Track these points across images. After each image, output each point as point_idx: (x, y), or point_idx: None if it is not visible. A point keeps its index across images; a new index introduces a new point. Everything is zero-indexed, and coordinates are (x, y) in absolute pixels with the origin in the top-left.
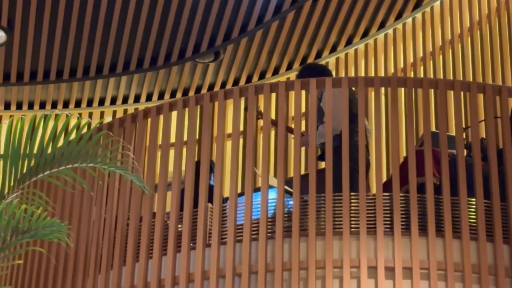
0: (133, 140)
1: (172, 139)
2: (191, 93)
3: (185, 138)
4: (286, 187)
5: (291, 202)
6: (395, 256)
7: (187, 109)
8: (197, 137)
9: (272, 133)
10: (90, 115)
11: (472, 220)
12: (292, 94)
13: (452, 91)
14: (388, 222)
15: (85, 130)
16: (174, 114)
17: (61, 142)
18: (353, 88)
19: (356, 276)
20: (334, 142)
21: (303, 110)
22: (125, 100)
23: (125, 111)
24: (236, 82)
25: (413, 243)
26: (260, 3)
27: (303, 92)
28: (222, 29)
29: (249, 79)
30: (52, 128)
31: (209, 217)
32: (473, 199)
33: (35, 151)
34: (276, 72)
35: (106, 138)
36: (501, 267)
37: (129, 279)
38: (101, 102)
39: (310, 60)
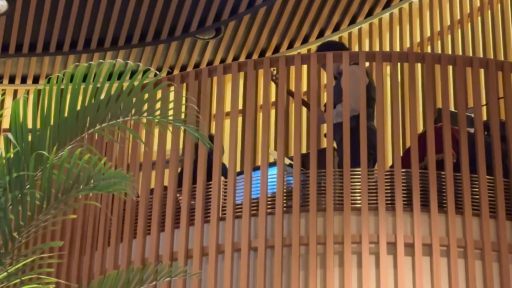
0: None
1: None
2: (189, 69)
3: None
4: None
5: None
6: (414, 232)
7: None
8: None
9: (273, 111)
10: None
11: (491, 198)
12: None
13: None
14: (406, 199)
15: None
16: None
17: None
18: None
19: (375, 252)
20: (351, 123)
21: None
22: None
23: (122, 87)
24: (235, 60)
25: (433, 220)
26: None
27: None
28: (229, 4)
29: (248, 57)
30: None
31: (223, 191)
32: (491, 177)
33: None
34: (276, 50)
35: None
36: None
37: (140, 252)
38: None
39: (312, 39)
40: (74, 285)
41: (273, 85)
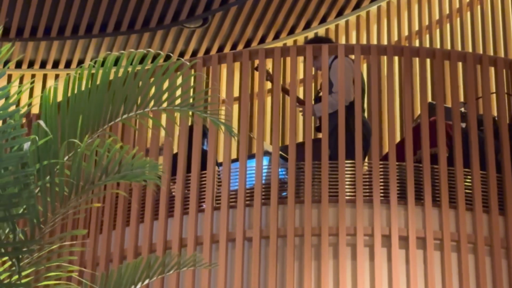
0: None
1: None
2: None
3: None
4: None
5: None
6: (408, 225)
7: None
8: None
9: (268, 99)
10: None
11: (484, 193)
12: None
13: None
14: (400, 192)
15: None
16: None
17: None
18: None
19: (369, 244)
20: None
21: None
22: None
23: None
24: (220, 50)
25: (427, 214)
26: None
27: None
28: None
29: (233, 48)
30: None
31: (217, 181)
32: (484, 172)
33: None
34: (262, 41)
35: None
36: None
37: (133, 241)
38: (80, 63)
39: (298, 30)
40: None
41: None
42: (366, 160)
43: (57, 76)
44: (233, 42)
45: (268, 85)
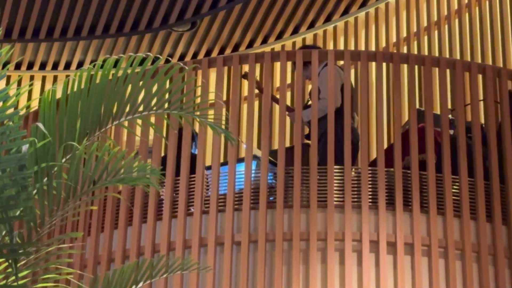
0: None
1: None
2: (162, 62)
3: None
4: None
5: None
6: (396, 231)
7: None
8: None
9: (256, 103)
10: (55, 78)
11: (472, 200)
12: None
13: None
14: (388, 197)
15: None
16: None
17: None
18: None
19: (358, 250)
20: (326, 122)
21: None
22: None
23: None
24: (208, 54)
25: (415, 220)
26: None
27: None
28: None
29: (221, 52)
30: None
31: (205, 184)
32: (472, 179)
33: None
34: (250, 46)
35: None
36: (500, 247)
37: (121, 243)
38: (67, 66)
39: (286, 35)
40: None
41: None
42: (355, 165)
43: (54, 78)
44: (221, 46)
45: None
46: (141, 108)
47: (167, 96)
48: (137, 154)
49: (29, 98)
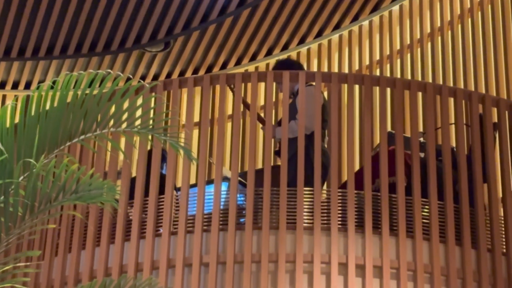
0: None
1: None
2: (134, 82)
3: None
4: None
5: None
6: (365, 254)
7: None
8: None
9: (228, 124)
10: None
11: (441, 223)
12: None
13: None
14: (357, 220)
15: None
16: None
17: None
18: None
19: (326, 272)
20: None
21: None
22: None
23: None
24: (181, 75)
25: (384, 242)
26: None
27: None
28: (182, 19)
29: (195, 72)
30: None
31: (175, 205)
32: (442, 202)
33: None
34: (224, 67)
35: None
36: (469, 270)
37: (89, 264)
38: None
39: (260, 57)
40: None
41: (229, 99)
42: (325, 187)
43: (16, 97)
44: (194, 67)
45: (229, 110)
46: (110, 125)
47: (125, 116)
48: (106, 175)
49: None
